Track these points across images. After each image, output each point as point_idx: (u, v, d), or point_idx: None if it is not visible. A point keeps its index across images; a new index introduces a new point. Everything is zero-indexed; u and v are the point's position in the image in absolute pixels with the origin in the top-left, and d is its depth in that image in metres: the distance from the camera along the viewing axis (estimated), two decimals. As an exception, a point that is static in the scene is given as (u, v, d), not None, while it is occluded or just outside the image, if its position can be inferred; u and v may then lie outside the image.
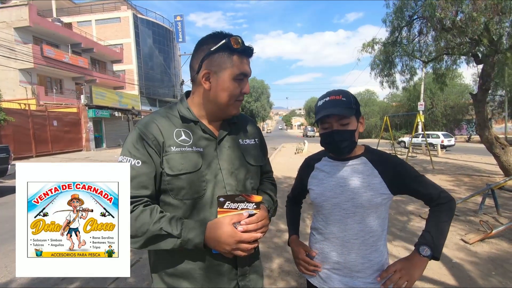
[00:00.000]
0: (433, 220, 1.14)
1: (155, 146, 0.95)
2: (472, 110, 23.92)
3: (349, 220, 1.14)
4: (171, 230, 0.88)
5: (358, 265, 1.13)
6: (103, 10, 32.37)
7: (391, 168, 1.15)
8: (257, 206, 0.94)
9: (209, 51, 0.97)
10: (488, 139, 6.97)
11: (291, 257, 1.34)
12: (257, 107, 48.68)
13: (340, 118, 1.13)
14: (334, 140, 1.14)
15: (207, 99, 1.02)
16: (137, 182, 0.91)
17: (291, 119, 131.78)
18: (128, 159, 0.93)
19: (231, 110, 1.04)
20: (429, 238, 1.09)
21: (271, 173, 1.30)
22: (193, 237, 0.89)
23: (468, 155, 14.38)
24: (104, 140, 21.34)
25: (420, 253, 1.08)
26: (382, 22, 8.12)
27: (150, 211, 0.90)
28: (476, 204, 5.18)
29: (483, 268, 3.03)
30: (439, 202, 1.14)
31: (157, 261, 1.02)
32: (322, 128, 1.19)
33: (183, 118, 1.03)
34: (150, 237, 0.89)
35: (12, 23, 18.50)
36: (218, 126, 1.08)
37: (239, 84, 1.00)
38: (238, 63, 0.98)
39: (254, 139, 1.17)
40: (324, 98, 1.17)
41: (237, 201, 0.92)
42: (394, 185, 1.13)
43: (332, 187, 1.18)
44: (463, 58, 7.95)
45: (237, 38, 0.97)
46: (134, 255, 3.47)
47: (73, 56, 21.84)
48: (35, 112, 15.85)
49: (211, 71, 0.98)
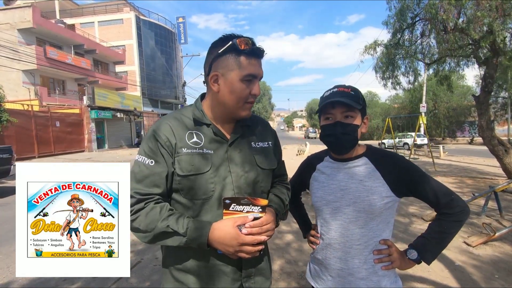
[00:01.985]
0: (434, 226, 1.09)
1: (167, 147, 0.99)
2: (474, 112, 23.82)
3: (351, 225, 1.09)
4: (177, 228, 0.91)
5: (362, 271, 1.08)
6: (106, 11, 32.55)
7: (394, 169, 1.08)
8: (262, 209, 0.94)
9: (216, 53, 0.99)
10: (490, 141, 6.93)
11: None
12: (258, 108, 48.76)
13: (345, 110, 1.07)
14: (336, 132, 1.08)
15: (217, 102, 1.04)
16: (150, 181, 0.96)
17: (293, 121, 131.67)
18: (143, 158, 0.99)
19: (241, 112, 1.03)
20: (422, 243, 1.08)
21: (286, 176, 1.29)
22: (197, 236, 0.91)
23: (471, 157, 14.31)
24: (106, 141, 21.41)
25: (407, 255, 1.09)
26: (383, 25, 8.12)
27: (160, 208, 0.94)
28: (478, 207, 5.15)
29: (486, 271, 3.01)
30: (446, 211, 1.05)
31: (167, 256, 1.07)
32: (325, 119, 1.13)
33: (196, 121, 1.05)
34: (158, 233, 0.92)
35: (16, 24, 18.63)
36: (230, 128, 1.08)
37: (247, 86, 1.00)
38: (246, 64, 0.98)
39: (267, 142, 1.16)
40: (331, 90, 1.12)
41: (242, 204, 0.92)
42: (398, 187, 1.06)
43: (332, 191, 1.14)
44: (466, 60, 7.92)
45: (245, 39, 0.97)
46: (135, 256, 3.47)
47: (76, 58, 21.96)
48: (38, 113, 15.94)
49: (219, 73, 1.00)
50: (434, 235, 1.08)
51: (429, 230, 1.10)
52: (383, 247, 1.09)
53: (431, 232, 1.09)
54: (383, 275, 1.09)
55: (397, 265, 1.09)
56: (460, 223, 1.06)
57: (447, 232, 1.06)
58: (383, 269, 1.08)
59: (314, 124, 67.33)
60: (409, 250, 1.09)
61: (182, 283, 1.02)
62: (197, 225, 0.93)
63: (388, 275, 1.10)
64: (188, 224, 0.93)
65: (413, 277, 2.87)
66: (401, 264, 1.09)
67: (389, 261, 1.08)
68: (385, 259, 1.08)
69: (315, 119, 66.37)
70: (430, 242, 1.07)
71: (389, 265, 1.08)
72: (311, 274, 1.26)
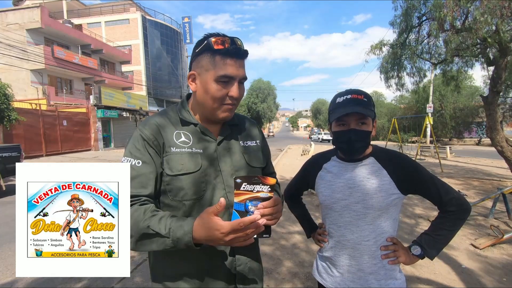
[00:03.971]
0: (436, 224, 1.14)
1: (155, 146, 0.96)
2: (482, 112, 23.50)
3: (360, 222, 1.13)
4: (158, 229, 0.84)
5: (371, 266, 1.12)
6: (113, 11, 32.83)
7: (399, 167, 1.12)
8: (271, 188, 0.89)
9: (194, 52, 0.97)
10: (499, 142, 6.82)
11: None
12: (263, 108, 48.63)
13: (360, 117, 1.09)
14: (351, 139, 1.10)
15: (197, 102, 1.02)
16: (137, 182, 0.92)
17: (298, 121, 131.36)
18: (129, 159, 0.94)
19: (219, 114, 0.99)
20: (425, 240, 1.13)
21: (274, 174, 1.28)
22: (181, 236, 0.83)
23: (478, 158, 14.11)
24: (112, 140, 21.60)
25: (411, 251, 1.13)
26: (389, 25, 8.03)
27: (144, 209, 0.88)
28: (486, 209, 5.07)
29: (494, 274, 2.95)
30: (448, 209, 1.10)
31: (155, 266, 1.02)
32: (338, 125, 1.14)
33: (183, 121, 1.03)
34: (140, 236, 0.85)
35: (25, 24, 18.88)
36: (218, 128, 1.07)
37: (223, 87, 0.95)
38: (221, 65, 0.93)
39: (255, 141, 1.16)
40: (344, 96, 1.12)
41: (253, 183, 0.87)
42: (403, 184, 1.11)
43: (341, 189, 1.16)
44: (474, 60, 7.79)
45: (222, 38, 0.93)
46: (140, 255, 3.49)
47: (83, 57, 22.17)
48: (46, 112, 16.14)
49: (195, 73, 0.98)
50: (436, 232, 1.13)
51: (432, 227, 1.15)
52: (390, 243, 1.14)
53: (434, 229, 1.14)
54: (390, 269, 1.14)
55: (402, 260, 1.13)
56: (461, 221, 1.11)
57: (449, 229, 1.11)
58: (390, 263, 1.13)
59: (318, 124, 67.07)
60: (413, 246, 1.14)
61: None
62: (180, 223, 0.85)
63: (394, 269, 1.15)
64: (170, 224, 0.84)
65: (419, 279, 2.83)
66: (406, 259, 1.13)
67: (395, 257, 1.13)
68: (391, 254, 1.12)
69: (320, 119, 66.11)
70: (432, 239, 1.12)
71: (395, 260, 1.13)
72: (318, 271, 1.28)
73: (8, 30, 17.56)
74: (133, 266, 3.18)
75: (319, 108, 69.04)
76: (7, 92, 10.82)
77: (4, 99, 10.62)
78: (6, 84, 10.99)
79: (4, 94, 10.66)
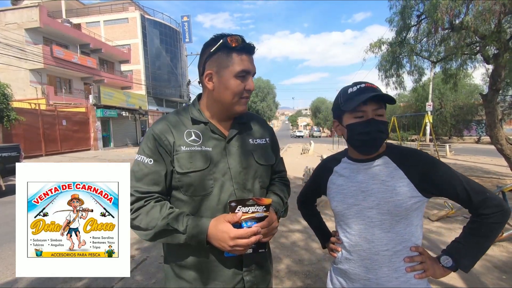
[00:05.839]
0: (469, 230, 0.99)
1: (165, 146, 1.01)
2: (482, 110, 23.49)
3: (375, 229, 1.00)
4: (177, 226, 0.93)
5: (391, 280, 0.98)
6: (111, 11, 32.72)
7: (417, 166, 0.99)
8: (267, 208, 0.95)
9: (209, 52, 1.02)
10: (498, 140, 6.83)
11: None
12: (263, 107, 48.60)
13: (377, 107, 0.99)
14: (371, 130, 0.98)
15: (213, 100, 1.07)
16: (149, 179, 0.99)
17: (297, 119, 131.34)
18: (142, 157, 1.02)
19: (237, 108, 1.06)
20: (457, 249, 0.98)
21: (284, 173, 1.31)
22: (196, 233, 0.93)
23: (478, 157, 14.13)
24: (111, 139, 21.59)
25: (441, 263, 0.99)
26: (386, 22, 8.03)
27: (160, 206, 0.96)
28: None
29: (493, 272, 2.96)
30: (481, 211, 0.94)
31: (168, 253, 1.10)
32: (354, 117, 1.01)
33: (194, 120, 1.08)
34: (158, 231, 0.95)
35: (23, 24, 18.83)
36: (228, 126, 1.11)
37: (241, 81, 1.02)
38: (238, 61, 1.01)
39: (265, 138, 1.19)
40: (357, 85, 1.02)
41: (248, 205, 0.92)
42: (423, 185, 0.97)
43: (353, 193, 1.06)
44: (473, 58, 7.80)
45: (236, 36, 1.00)
46: (141, 254, 3.49)
47: (82, 57, 22.12)
48: (45, 112, 16.13)
49: (213, 72, 1.03)
50: (469, 239, 0.98)
51: (464, 233, 1.00)
52: (414, 253, 1.00)
53: (466, 236, 0.99)
54: (416, 284, 0.99)
55: (431, 274, 0.99)
56: (500, 225, 0.95)
57: (484, 236, 0.95)
58: (416, 277, 0.99)
59: (318, 123, 67.00)
60: (443, 256, 0.99)
61: (183, 279, 1.04)
62: (196, 222, 0.95)
63: (421, 284, 1.00)
64: (187, 222, 0.94)
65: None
66: (435, 272, 0.99)
67: (422, 269, 0.99)
68: (418, 267, 0.98)
69: (320, 118, 66.05)
70: (465, 247, 0.97)
71: (422, 273, 0.99)
72: (332, 283, 1.17)
73: (6, 29, 17.51)
74: (133, 266, 3.19)
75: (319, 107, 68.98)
76: (6, 92, 10.81)
77: (3, 99, 10.62)
78: (5, 84, 10.98)
79: (3, 94, 10.66)
